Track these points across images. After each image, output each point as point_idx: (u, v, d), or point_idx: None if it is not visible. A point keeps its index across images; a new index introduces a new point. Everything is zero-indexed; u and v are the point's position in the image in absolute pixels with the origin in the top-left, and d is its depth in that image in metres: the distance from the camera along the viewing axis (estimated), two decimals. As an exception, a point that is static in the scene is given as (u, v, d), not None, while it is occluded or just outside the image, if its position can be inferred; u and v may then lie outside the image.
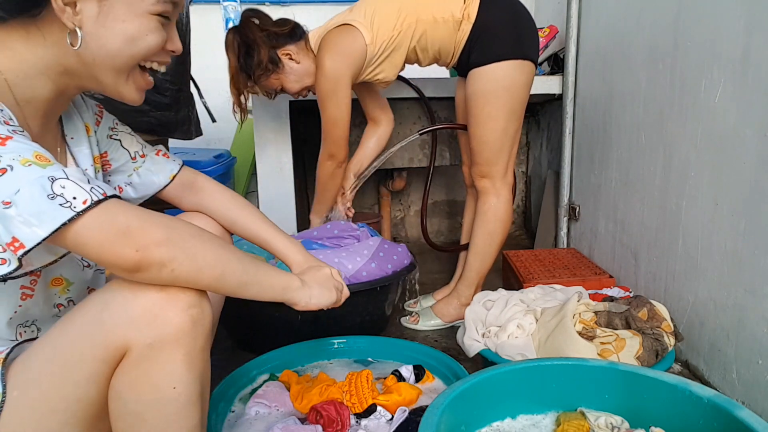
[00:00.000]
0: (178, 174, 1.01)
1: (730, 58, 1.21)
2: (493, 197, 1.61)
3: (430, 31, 1.49)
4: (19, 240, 0.59)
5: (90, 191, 0.62)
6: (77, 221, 0.61)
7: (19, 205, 0.58)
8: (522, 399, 1.00)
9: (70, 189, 0.61)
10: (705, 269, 1.32)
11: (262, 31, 1.51)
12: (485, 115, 1.52)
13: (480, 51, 1.48)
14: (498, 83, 1.49)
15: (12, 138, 0.61)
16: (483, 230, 1.63)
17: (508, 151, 1.58)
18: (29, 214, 0.59)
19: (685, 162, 1.40)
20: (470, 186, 1.80)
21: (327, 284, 0.94)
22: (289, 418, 1.05)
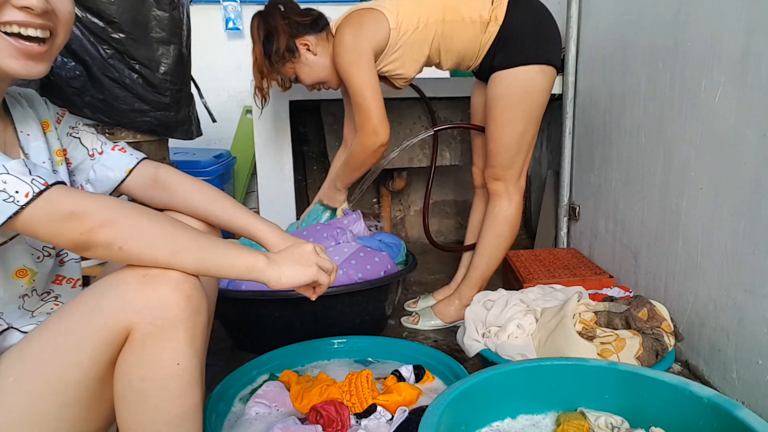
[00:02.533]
0: (135, 168, 0.97)
1: (730, 58, 1.21)
2: (506, 201, 1.61)
3: (457, 31, 1.48)
4: None
5: (31, 183, 0.65)
6: (22, 213, 0.64)
7: None
8: (522, 399, 1.00)
9: (11, 183, 0.64)
10: (705, 269, 1.32)
11: (284, 19, 1.50)
12: (506, 118, 1.51)
13: (505, 54, 1.47)
14: (520, 87, 1.48)
15: None
16: (492, 233, 1.63)
17: (524, 156, 1.58)
18: None
19: (685, 162, 1.40)
20: (480, 187, 1.80)
21: (303, 261, 0.84)
22: (289, 418, 1.05)
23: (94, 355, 0.71)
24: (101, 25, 1.36)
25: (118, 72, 1.40)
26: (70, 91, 1.39)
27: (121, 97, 1.42)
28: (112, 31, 1.38)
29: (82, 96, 1.40)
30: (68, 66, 1.37)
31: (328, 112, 2.29)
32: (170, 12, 1.46)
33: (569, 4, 2.06)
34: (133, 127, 1.50)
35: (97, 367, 0.72)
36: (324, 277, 0.86)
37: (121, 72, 1.40)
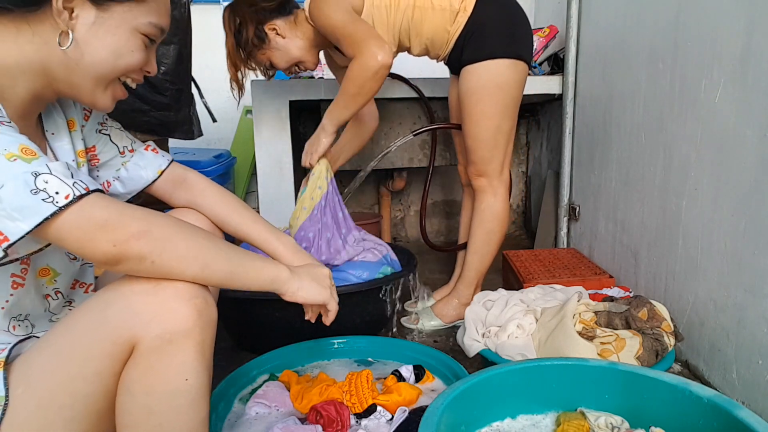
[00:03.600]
0: (166, 169, 1.00)
1: (730, 58, 1.21)
2: (491, 196, 1.61)
3: (427, 17, 1.48)
4: (3, 233, 0.61)
5: (72, 186, 0.64)
6: (60, 216, 0.62)
7: (4, 200, 0.60)
8: (522, 399, 1.00)
9: (53, 184, 0.62)
10: (705, 269, 1.32)
11: (250, 6, 1.49)
12: (479, 112, 1.51)
13: (473, 47, 1.48)
14: (491, 81, 1.48)
15: None
16: (481, 229, 1.63)
17: (503, 149, 1.58)
18: (12, 208, 0.60)
19: (685, 162, 1.40)
20: (466, 185, 1.80)
21: (321, 281, 0.91)
22: (289, 418, 1.06)
23: (100, 368, 0.69)
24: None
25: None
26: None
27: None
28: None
29: (82, 96, 1.40)
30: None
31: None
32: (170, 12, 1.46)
33: (569, 4, 2.06)
34: (133, 126, 1.50)
35: (104, 381, 0.70)
36: (334, 303, 0.93)
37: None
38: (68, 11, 0.72)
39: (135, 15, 0.76)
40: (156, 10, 0.79)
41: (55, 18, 0.71)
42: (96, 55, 0.75)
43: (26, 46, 0.72)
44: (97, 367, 0.69)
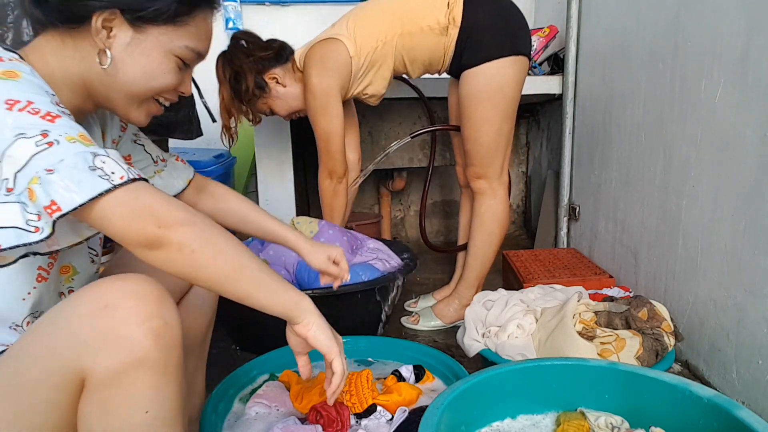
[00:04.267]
0: (192, 179, 1.07)
1: (730, 58, 1.21)
2: (490, 198, 1.60)
3: (417, 41, 1.48)
4: (57, 203, 0.60)
5: (127, 170, 0.65)
6: (111, 193, 0.63)
7: (62, 172, 0.61)
8: (522, 399, 1.00)
9: (109, 165, 0.64)
10: (705, 269, 1.32)
11: (248, 57, 1.51)
12: (479, 116, 1.51)
13: (471, 52, 1.47)
14: (490, 84, 1.48)
15: (61, 117, 0.65)
16: (481, 231, 1.63)
17: (503, 151, 1.58)
18: (70, 180, 0.61)
19: (685, 162, 1.40)
20: (465, 186, 1.80)
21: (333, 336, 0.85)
22: (289, 418, 1.05)
23: (51, 398, 0.64)
24: (101, 25, 1.37)
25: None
26: (70, 91, 1.39)
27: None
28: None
29: (82, 96, 1.40)
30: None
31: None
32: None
33: (569, 4, 2.06)
34: (133, 127, 1.50)
35: (57, 412, 0.65)
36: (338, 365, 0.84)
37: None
38: (106, 30, 0.75)
39: (171, 38, 0.78)
40: (194, 35, 0.81)
41: (93, 36, 0.74)
42: (129, 74, 0.78)
43: (68, 60, 0.76)
44: (49, 398, 0.64)
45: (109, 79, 0.77)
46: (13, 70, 0.66)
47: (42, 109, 0.64)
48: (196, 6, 0.80)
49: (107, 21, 0.74)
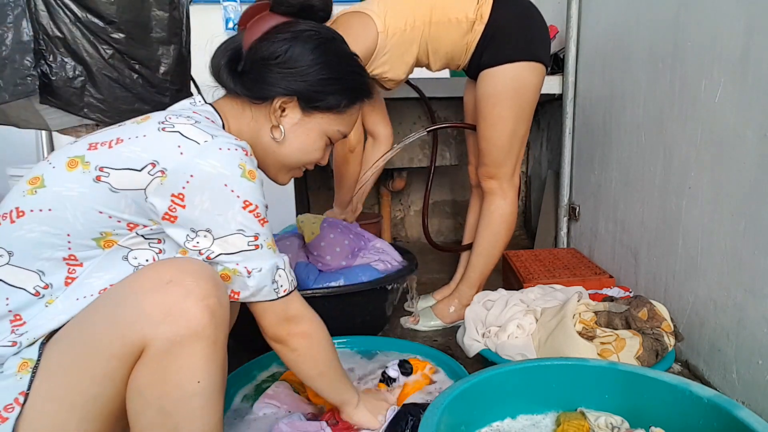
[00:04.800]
0: None
1: (730, 58, 1.21)
2: (500, 198, 1.61)
3: (444, 31, 1.48)
4: (239, 295, 0.81)
5: (290, 282, 0.86)
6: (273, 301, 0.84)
7: (255, 279, 0.80)
8: (522, 399, 1.00)
9: (282, 279, 0.84)
10: (705, 269, 1.32)
11: None
12: (495, 116, 1.52)
13: (492, 52, 1.47)
14: (508, 85, 1.48)
15: (267, 222, 0.82)
16: (488, 231, 1.63)
17: (516, 153, 1.58)
18: (256, 288, 0.81)
19: (685, 162, 1.40)
20: (475, 186, 1.80)
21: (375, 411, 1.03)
22: (293, 415, 1.05)
23: (110, 369, 0.69)
24: (101, 25, 1.36)
25: (118, 72, 1.40)
26: (70, 91, 1.39)
27: (122, 97, 1.41)
28: (112, 31, 1.37)
29: (82, 96, 1.40)
30: (68, 66, 1.36)
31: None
32: (170, 12, 1.46)
33: (569, 4, 2.06)
34: (133, 127, 1.49)
35: (114, 383, 0.70)
36: None
37: (121, 72, 1.40)
38: (281, 110, 0.92)
39: (330, 123, 0.95)
40: (347, 122, 0.98)
41: (270, 113, 0.91)
42: (289, 148, 0.94)
43: (244, 126, 0.93)
44: (107, 369, 0.69)
45: (273, 149, 0.94)
46: (254, 170, 0.81)
47: (261, 213, 0.81)
48: (357, 102, 0.97)
49: (285, 103, 0.91)
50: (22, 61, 1.29)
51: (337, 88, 0.93)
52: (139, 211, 0.77)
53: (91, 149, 0.77)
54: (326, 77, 0.91)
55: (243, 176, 0.78)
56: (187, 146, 0.76)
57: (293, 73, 0.90)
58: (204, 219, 0.76)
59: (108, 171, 0.75)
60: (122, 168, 0.75)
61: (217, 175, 0.76)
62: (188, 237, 0.77)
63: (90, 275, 0.78)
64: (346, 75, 0.95)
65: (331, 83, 0.92)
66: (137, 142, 0.77)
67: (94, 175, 0.74)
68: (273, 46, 0.90)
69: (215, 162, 0.76)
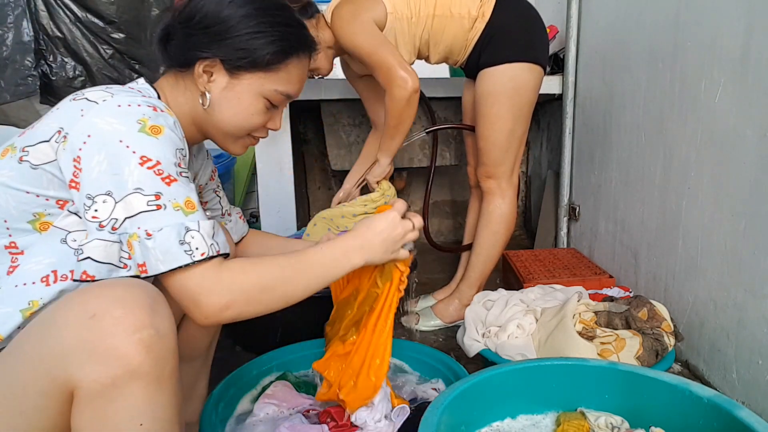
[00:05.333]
0: (246, 235, 1.17)
1: (730, 58, 1.21)
2: (499, 198, 1.61)
3: (446, 25, 1.49)
4: (146, 266, 0.71)
5: (209, 246, 0.74)
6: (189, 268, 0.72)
7: (157, 240, 0.70)
8: (522, 399, 1.00)
9: (197, 240, 0.73)
10: (705, 269, 1.32)
11: None
12: (493, 115, 1.52)
13: (491, 52, 1.49)
14: (507, 84, 1.49)
15: (177, 181, 0.74)
16: (488, 231, 1.64)
17: (514, 153, 1.59)
18: (161, 251, 0.70)
19: (685, 162, 1.40)
20: (475, 187, 1.81)
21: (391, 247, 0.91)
22: (295, 417, 1.05)
23: (39, 404, 0.63)
24: (101, 25, 1.37)
25: (118, 72, 1.40)
26: (70, 90, 1.39)
27: (121, 97, 1.42)
28: (112, 31, 1.38)
29: (82, 96, 1.40)
30: (68, 66, 1.37)
31: (328, 112, 2.29)
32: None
33: (569, 4, 2.06)
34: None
35: (45, 418, 0.64)
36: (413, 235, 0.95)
37: (121, 72, 1.40)
38: (207, 75, 0.86)
39: (262, 83, 0.87)
40: (285, 80, 0.89)
41: (195, 80, 0.86)
42: (222, 114, 0.88)
43: (180, 98, 0.88)
44: (37, 404, 0.63)
45: (208, 118, 0.88)
46: (159, 125, 0.74)
47: (165, 170, 0.73)
48: (288, 55, 0.88)
49: (208, 67, 0.85)
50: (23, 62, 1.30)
51: (260, 43, 0.84)
52: (61, 185, 0.74)
53: (21, 135, 0.77)
54: (245, 32, 0.84)
55: (142, 131, 0.72)
56: (87, 107, 0.73)
57: (209, 33, 0.83)
58: (101, 180, 0.70)
59: (27, 149, 0.74)
60: (36, 143, 0.74)
61: (112, 132, 0.71)
62: (85, 206, 0.71)
63: (28, 260, 0.75)
64: (270, 28, 0.85)
65: (252, 39, 0.84)
66: (50, 116, 0.76)
67: (18, 156, 0.74)
68: (189, 7, 0.85)
69: (111, 119, 0.72)
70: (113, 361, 0.61)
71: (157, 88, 0.87)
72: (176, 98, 0.88)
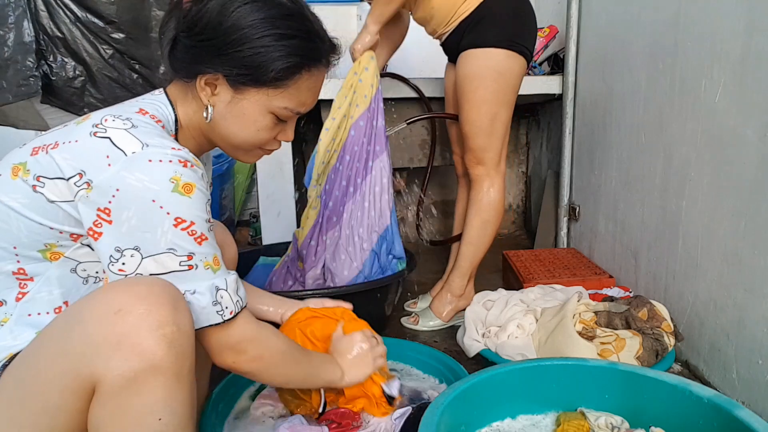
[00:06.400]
0: None
1: (730, 58, 1.21)
2: (488, 185, 1.61)
3: None
4: None
5: (236, 303, 0.77)
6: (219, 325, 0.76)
7: (193, 303, 0.72)
8: (522, 399, 1.00)
9: (225, 299, 0.76)
10: (705, 269, 1.32)
11: None
12: (478, 98, 1.51)
13: (476, 34, 1.48)
14: (491, 67, 1.48)
15: (207, 239, 0.74)
16: (477, 218, 1.63)
17: (500, 138, 1.58)
18: (195, 311, 0.73)
19: (685, 162, 1.40)
20: (462, 176, 1.80)
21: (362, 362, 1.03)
22: (294, 417, 1.05)
23: (63, 402, 0.64)
24: (101, 25, 1.36)
25: (118, 72, 1.40)
26: (70, 91, 1.39)
27: (121, 97, 1.42)
28: (112, 31, 1.38)
29: (82, 96, 1.40)
30: (68, 66, 1.37)
31: (328, 112, 2.29)
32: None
33: (569, 4, 2.06)
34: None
35: (69, 416, 0.65)
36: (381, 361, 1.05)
37: (121, 72, 1.40)
38: (210, 88, 0.82)
39: (269, 99, 0.82)
40: (294, 96, 0.84)
41: (198, 92, 0.82)
42: (228, 129, 0.84)
43: (189, 108, 0.85)
44: (60, 402, 0.64)
45: (214, 131, 0.85)
46: (191, 183, 0.72)
47: (197, 231, 0.72)
48: (297, 72, 0.82)
49: (211, 80, 0.81)
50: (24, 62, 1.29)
51: (265, 60, 0.78)
52: (77, 223, 0.73)
53: (33, 154, 0.73)
54: (248, 47, 0.78)
55: (175, 191, 0.70)
56: (115, 157, 0.70)
57: (211, 46, 0.78)
58: (131, 236, 0.69)
59: (43, 181, 0.71)
60: (53, 177, 0.71)
61: (144, 190, 0.69)
62: (112, 259, 0.70)
63: (40, 290, 0.75)
64: (276, 41, 0.79)
65: (256, 54, 0.78)
66: (69, 149, 0.72)
67: (31, 184, 0.72)
68: (192, 14, 0.79)
69: (142, 176, 0.69)
70: (137, 355, 0.62)
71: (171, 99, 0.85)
72: (186, 109, 0.85)
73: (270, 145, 0.90)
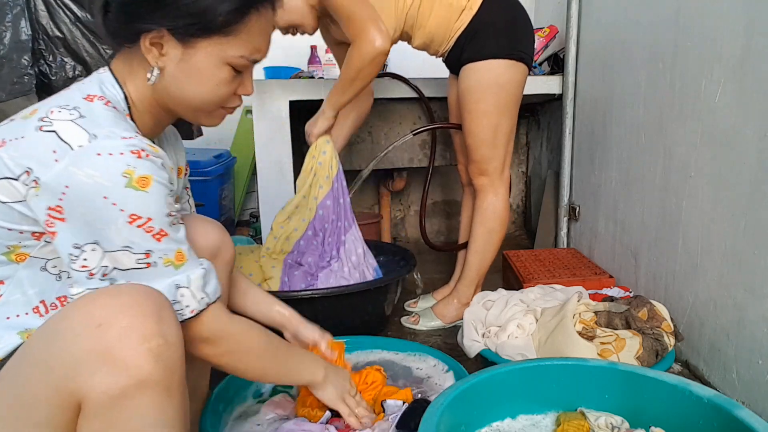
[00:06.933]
0: None
1: (730, 58, 1.21)
2: (492, 195, 1.61)
3: (433, 9, 1.47)
4: None
5: (199, 300, 0.75)
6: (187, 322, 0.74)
7: None
8: (522, 399, 1.00)
9: (186, 298, 0.73)
10: (705, 269, 1.32)
11: None
12: (479, 111, 1.52)
13: (474, 47, 1.48)
14: (492, 79, 1.49)
15: (167, 235, 0.70)
16: (482, 228, 1.64)
17: (503, 148, 1.58)
18: None
19: (685, 162, 1.40)
20: (467, 185, 1.81)
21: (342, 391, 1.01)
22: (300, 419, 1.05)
23: (47, 416, 0.61)
24: (101, 25, 1.37)
25: (118, 72, 1.40)
26: (70, 91, 1.39)
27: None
28: (112, 31, 1.38)
29: (82, 96, 1.40)
30: (68, 66, 1.37)
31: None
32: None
33: (569, 4, 2.06)
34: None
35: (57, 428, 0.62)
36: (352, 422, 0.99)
37: (121, 72, 1.40)
38: (157, 48, 0.75)
39: (222, 48, 0.77)
40: (247, 42, 0.78)
41: (145, 55, 0.75)
42: (184, 90, 0.79)
43: (138, 80, 0.79)
44: (45, 416, 0.62)
45: (169, 97, 0.79)
46: (146, 175, 0.68)
47: (155, 227, 0.69)
48: (246, 12, 0.76)
49: (156, 38, 0.74)
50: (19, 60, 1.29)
51: (210, 3, 0.73)
52: (35, 222, 0.69)
53: None
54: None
55: (129, 186, 0.66)
56: (61, 152, 0.66)
57: None
58: (88, 230, 0.66)
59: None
60: (2, 177, 0.68)
61: (95, 186, 0.65)
62: (72, 257, 0.67)
63: (13, 292, 0.73)
64: None
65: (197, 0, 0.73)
66: (15, 146, 0.68)
67: None
68: None
69: (92, 171, 0.65)
70: (122, 371, 0.60)
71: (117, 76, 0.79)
72: (135, 81, 0.78)
73: (231, 102, 0.84)
